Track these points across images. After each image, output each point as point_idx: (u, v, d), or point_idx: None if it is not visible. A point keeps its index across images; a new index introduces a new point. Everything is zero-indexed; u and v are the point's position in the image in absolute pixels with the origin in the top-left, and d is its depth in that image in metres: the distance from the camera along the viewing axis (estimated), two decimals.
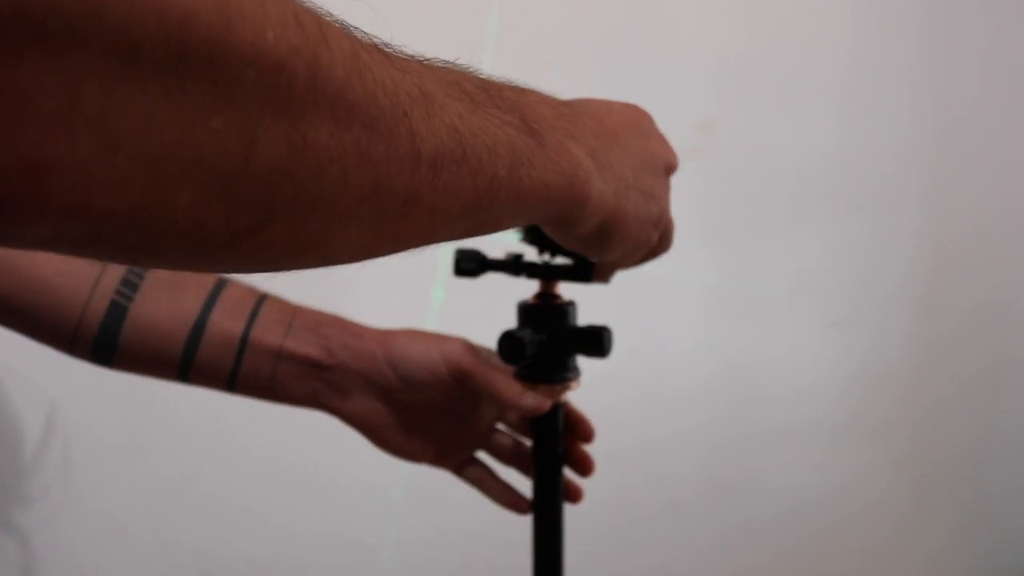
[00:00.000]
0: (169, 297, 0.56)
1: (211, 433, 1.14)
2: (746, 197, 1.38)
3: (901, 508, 1.57)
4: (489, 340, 0.55)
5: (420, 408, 0.59)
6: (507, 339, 0.52)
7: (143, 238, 0.21)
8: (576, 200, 0.35)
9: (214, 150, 0.21)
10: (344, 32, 0.25)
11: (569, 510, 0.60)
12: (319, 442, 1.19)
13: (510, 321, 0.56)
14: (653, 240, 0.45)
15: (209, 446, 1.14)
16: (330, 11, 0.27)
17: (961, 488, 1.61)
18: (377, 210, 0.26)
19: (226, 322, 0.57)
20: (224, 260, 0.24)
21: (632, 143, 0.41)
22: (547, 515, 0.58)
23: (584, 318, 0.57)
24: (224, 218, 0.22)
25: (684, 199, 1.34)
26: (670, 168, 0.46)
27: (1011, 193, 1.55)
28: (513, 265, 0.56)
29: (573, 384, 0.56)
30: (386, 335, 0.58)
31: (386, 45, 0.28)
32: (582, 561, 1.30)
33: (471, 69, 0.33)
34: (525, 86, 0.36)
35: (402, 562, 1.26)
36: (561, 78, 1.22)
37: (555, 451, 0.58)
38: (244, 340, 0.57)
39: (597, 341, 0.54)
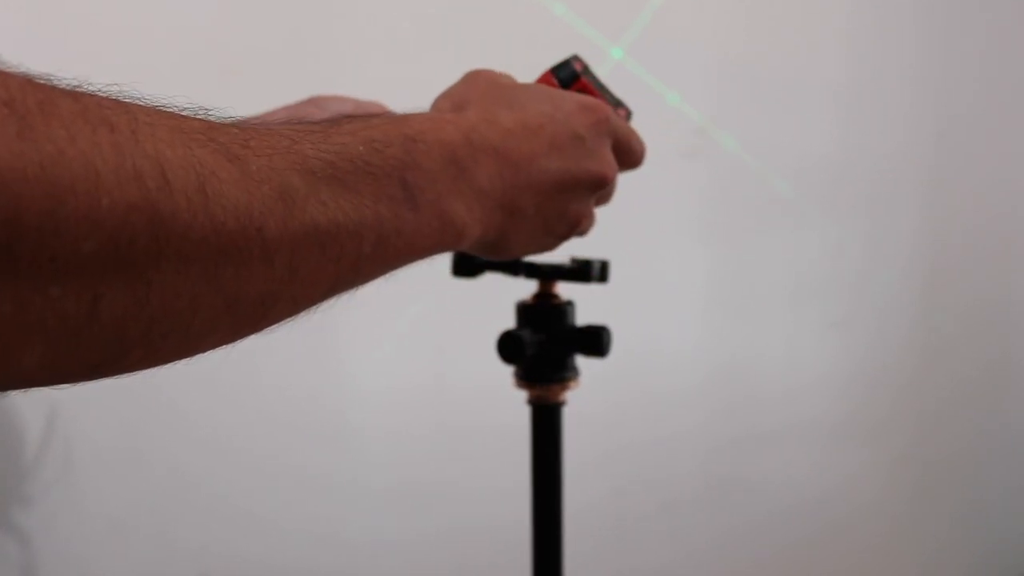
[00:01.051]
0: None
1: (211, 434, 1.14)
2: (746, 197, 1.38)
3: (899, 507, 1.58)
4: (488, 340, 0.55)
5: None
6: (507, 339, 0.52)
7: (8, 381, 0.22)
8: (448, 246, 0.36)
9: (55, 314, 0.21)
10: (191, 161, 0.24)
11: (569, 510, 0.60)
12: (319, 443, 1.19)
13: (509, 321, 0.56)
14: (553, 247, 0.45)
15: (209, 447, 1.14)
16: (182, 106, 0.26)
17: (959, 488, 1.61)
18: (233, 318, 0.26)
19: None
20: (89, 380, 0.25)
21: (552, 166, 0.39)
22: (547, 515, 0.58)
23: (583, 318, 0.57)
24: (76, 361, 0.23)
25: (684, 199, 1.35)
26: (599, 184, 0.43)
27: (1011, 193, 1.55)
28: (511, 265, 0.56)
29: (572, 384, 0.56)
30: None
31: (248, 141, 0.27)
32: (582, 560, 1.30)
33: (359, 120, 0.33)
34: (425, 124, 0.35)
35: (402, 562, 1.26)
36: None
37: (555, 451, 0.58)
38: None
39: (596, 341, 0.54)
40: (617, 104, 0.48)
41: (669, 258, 1.33)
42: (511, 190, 0.38)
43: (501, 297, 0.62)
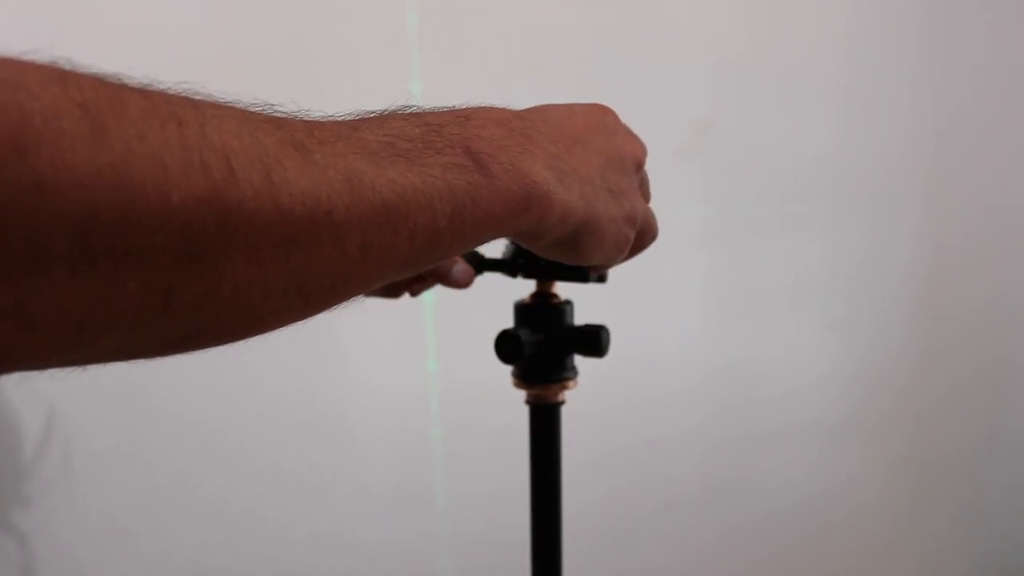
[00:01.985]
0: None
1: (210, 435, 1.14)
2: (745, 197, 1.38)
3: (898, 508, 1.57)
4: (488, 340, 0.55)
5: None
6: (504, 339, 0.52)
7: (77, 363, 0.23)
8: (536, 216, 0.34)
9: (131, 307, 0.22)
10: (257, 151, 0.24)
11: (568, 510, 0.60)
12: (318, 445, 1.19)
13: (508, 321, 0.56)
14: (631, 237, 0.44)
15: (208, 448, 1.14)
16: (248, 102, 0.27)
17: (959, 488, 1.61)
18: (305, 300, 0.27)
19: None
20: (164, 355, 0.26)
21: (597, 142, 0.40)
22: (546, 515, 0.58)
23: (582, 318, 0.57)
24: (152, 343, 0.24)
25: (683, 199, 1.35)
26: (639, 163, 0.44)
27: (1011, 193, 1.55)
28: (510, 265, 0.56)
29: (571, 384, 0.56)
30: None
31: (312, 131, 0.27)
32: (581, 561, 1.30)
33: (408, 110, 0.33)
34: (471, 109, 0.35)
35: (403, 563, 1.26)
36: (561, 79, 1.23)
37: (554, 451, 0.58)
38: None
39: (594, 341, 0.54)
40: None
41: (668, 258, 1.33)
42: (576, 156, 0.38)
43: (501, 297, 0.62)
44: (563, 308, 0.55)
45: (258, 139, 0.25)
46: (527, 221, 0.34)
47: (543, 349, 0.54)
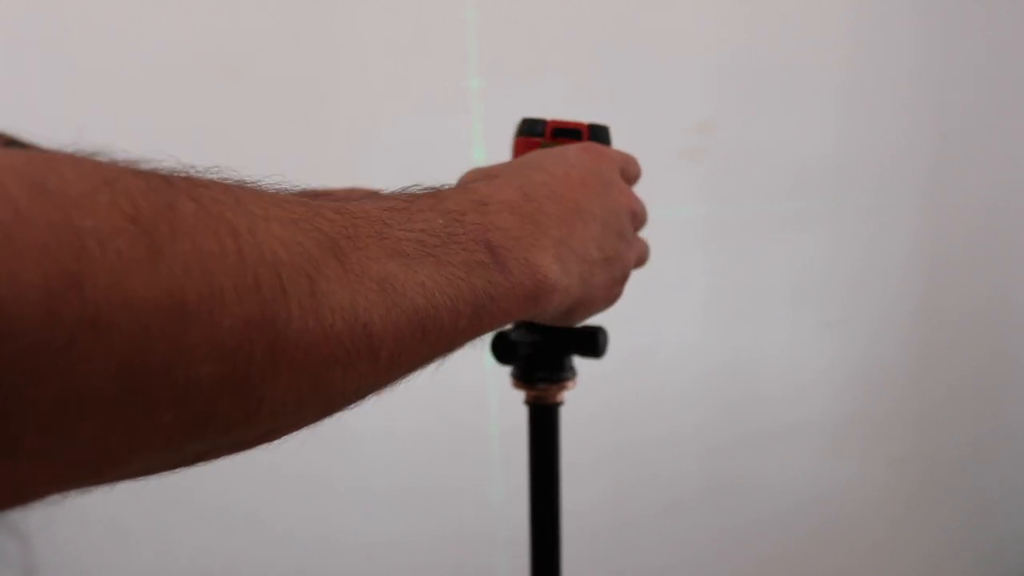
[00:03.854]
0: None
1: None
2: (746, 197, 1.38)
3: (899, 508, 1.57)
4: (488, 341, 0.55)
5: None
6: (500, 340, 0.52)
7: (89, 487, 0.21)
8: (539, 307, 0.35)
9: (163, 436, 0.20)
10: (303, 261, 0.23)
11: (569, 511, 0.60)
12: (319, 447, 1.19)
13: None
14: (621, 292, 0.45)
15: None
16: (287, 189, 0.25)
17: (959, 488, 1.61)
18: (326, 409, 0.26)
19: None
20: (178, 469, 0.24)
21: (594, 207, 0.40)
22: (545, 515, 0.58)
23: None
24: (173, 464, 0.22)
25: (684, 199, 1.35)
26: (635, 214, 0.44)
27: (1011, 193, 1.55)
28: None
29: (569, 384, 0.56)
30: None
31: (346, 228, 0.26)
32: (582, 561, 1.30)
33: (424, 190, 0.33)
34: (485, 191, 0.35)
35: (400, 564, 1.26)
36: (562, 79, 1.22)
37: (553, 451, 0.58)
38: None
39: (591, 342, 0.54)
40: (591, 126, 0.49)
41: (669, 258, 1.33)
42: (576, 234, 0.38)
43: None
44: None
45: (302, 244, 0.23)
46: (532, 311, 0.34)
47: (540, 350, 0.54)
